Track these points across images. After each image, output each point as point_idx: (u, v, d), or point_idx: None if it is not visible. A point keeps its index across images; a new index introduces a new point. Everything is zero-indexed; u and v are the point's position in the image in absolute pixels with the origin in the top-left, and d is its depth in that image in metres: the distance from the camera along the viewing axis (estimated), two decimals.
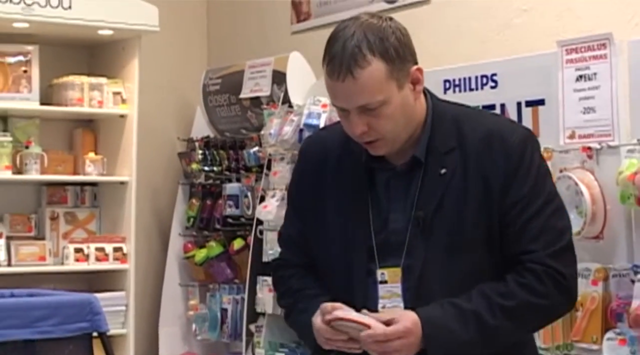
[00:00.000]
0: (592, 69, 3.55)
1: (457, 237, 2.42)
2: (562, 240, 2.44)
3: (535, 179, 2.44)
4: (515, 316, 2.40)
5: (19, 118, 5.27)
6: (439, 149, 2.46)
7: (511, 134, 2.48)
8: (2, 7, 4.85)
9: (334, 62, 2.39)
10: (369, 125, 2.39)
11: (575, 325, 3.50)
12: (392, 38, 2.40)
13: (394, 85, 2.39)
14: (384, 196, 2.50)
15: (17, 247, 5.18)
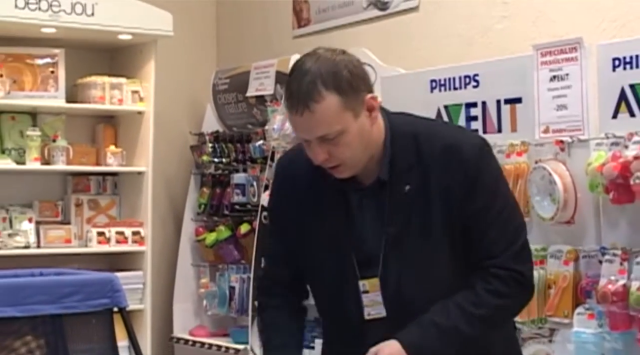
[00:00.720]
0: (564, 70, 3.55)
1: (427, 248, 2.43)
2: (520, 240, 2.47)
3: (491, 187, 2.45)
4: (488, 321, 2.43)
5: (47, 114, 5.28)
6: (401, 167, 2.43)
7: (466, 146, 2.45)
8: (32, 14, 4.86)
9: (292, 98, 2.35)
10: (329, 153, 2.36)
11: (548, 301, 3.50)
12: (345, 71, 2.35)
13: (350, 115, 2.34)
14: (358, 215, 2.48)
15: (45, 231, 5.19)
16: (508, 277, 2.42)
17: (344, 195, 2.49)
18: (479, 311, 2.40)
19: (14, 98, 5.06)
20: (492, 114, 3.84)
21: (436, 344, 2.38)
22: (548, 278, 3.52)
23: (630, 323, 3.20)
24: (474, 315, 2.40)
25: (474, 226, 2.42)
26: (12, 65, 5.11)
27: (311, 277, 2.58)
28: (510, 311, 2.52)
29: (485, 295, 2.41)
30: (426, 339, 2.38)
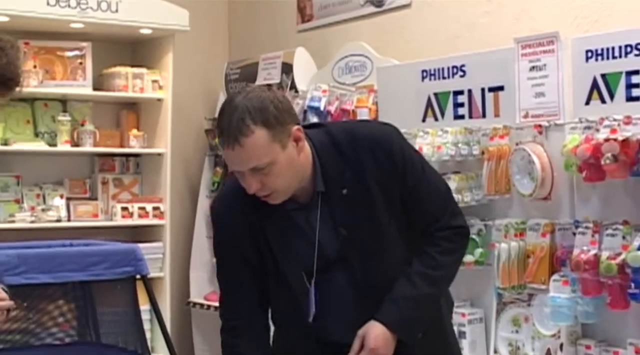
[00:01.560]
0: (542, 61, 3.54)
1: (378, 237, 2.43)
2: (451, 200, 2.54)
3: (416, 164, 2.47)
4: (448, 278, 2.51)
5: (76, 101, 5.28)
6: (332, 175, 2.41)
7: (384, 137, 2.45)
8: (62, 11, 4.85)
9: (223, 134, 2.29)
10: (261, 182, 2.31)
11: (527, 269, 3.51)
12: (271, 107, 2.28)
13: (278, 147, 2.29)
14: (308, 230, 2.44)
15: (75, 206, 5.20)
16: (452, 234, 2.49)
17: (289, 216, 2.44)
18: (439, 273, 2.46)
19: (47, 87, 5.06)
20: (477, 101, 3.84)
21: (413, 314, 2.41)
22: (527, 249, 3.53)
23: (601, 289, 3.20)
24: (436, 278, 2.45)
25: (413, 202, 2.45)
26: (45, 57, 5.11)
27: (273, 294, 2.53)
28: (459, 261, 2.56)
29: (440, 257, 2.45)
30: (403, 313, 2.40)
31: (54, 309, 3.80)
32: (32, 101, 5.19)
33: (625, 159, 3.12)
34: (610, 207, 3.30)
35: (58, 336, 3.82)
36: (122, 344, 3.81)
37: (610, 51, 3.29)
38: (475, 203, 3.77)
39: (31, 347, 3.73)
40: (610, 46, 3.29)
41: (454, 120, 3.91)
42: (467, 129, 3.80)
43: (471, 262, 3.76)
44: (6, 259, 3.42)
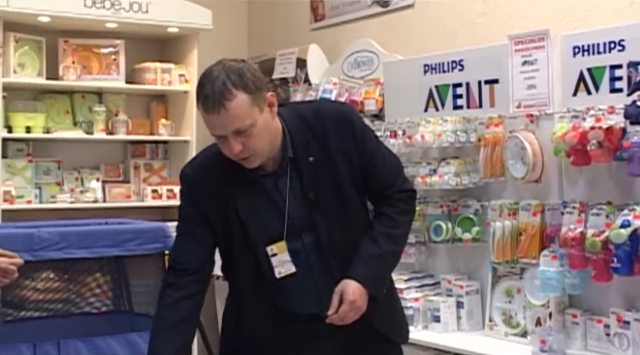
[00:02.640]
0: (534, 56, 3.53)
1: (342, 201, 2.46)
2: (401, 169, 2.61)
3: (367, 136, 2.52)
4: (405, 235, 2.58)
5: (110, 93, 5.29)
6: (299, 143, 2.44)
7: (345, 112, 2.51)
8: (97, 12, 4.86)
9: (207, 100, 2.30)
10: (243, 144, 2.33)
11: (519, 245, 3.50)
12: (249, 74, 2.32)
13: (257, 110, 2.32)
14: (277, 195, 2.45)
15: (109, 188, 5.22)
16: (407, 196, 2.56)
17: (258, 183, 2.45)
18: (399, 231, 2.52)
19: (84, 81, 5.07)
20: (474, 93, 3.83)
21: (380, 270, 2.47)
22: (519, 227, 3.53)
23: (586, 263, 3.20)
24: (396, 236, 2.51)
25: (371, 170, 2.50)
26: (82, 54, 5.12)
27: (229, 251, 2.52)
28: (411, 220, 2.61)
29: (397, 216, 2.52)
30: (372, 270, 2.44)
31: (91, 281, 3.82)
32: (71, 94, 5.20)
33: (609, 145, 3.12)
34: (595, 189, 3.29)
35: (95, 305, 3.84)
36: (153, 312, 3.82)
37: (595, 47, 3.28)
38: (472, 186, 3.77)
39: (71, 315, 3.75)
40: (596, 42, 3.28)
41: (453, 110, 3.90)
42: (465, 118, 3.80)
43: (469, 239, 3.76)
44: (49, 236, 3.43)
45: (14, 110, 4.90)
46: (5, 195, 4.73)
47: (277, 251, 2.46)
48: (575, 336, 3.31)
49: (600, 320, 3.25)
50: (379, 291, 2.47)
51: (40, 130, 4.93)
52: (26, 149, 4.99)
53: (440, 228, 3.80)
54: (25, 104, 4.99)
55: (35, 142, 5.03)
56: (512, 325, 3.62)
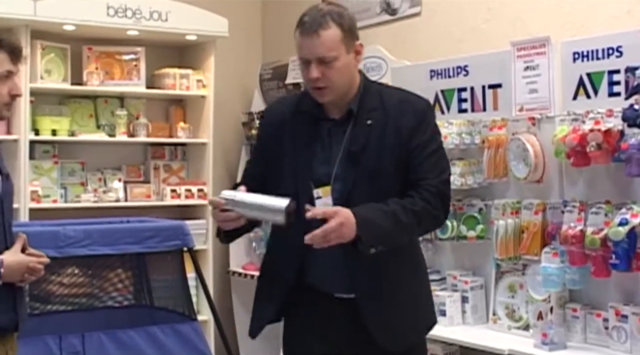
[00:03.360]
0: (535, 62, 3.53)
1: (377, 166, 2.45)
2: (445, 175, 2.53)
3: (431, 133, 2.51)
4: (418, 217, 2.43)
5: (132, 98, 5.29)
6: (366, 107, 2.49)
7: (418, 102, 2.56)
8: (120, 21, 4.87)
9: (306, 25, 2.44)
10: (322, 73, 2.42)
11: (522, 243, 3.50)
12: (347, 18, 2.47)
13: (344, 48, 2.43)
14: (326, 140, 2.51)
15: (131, 188, 5.22)
16: (435, 192, 2.46)
17: (316, 125, 2.52)
18: (413, 207, 2.42)
19: (107, 86, 5.08)
20: (478, 97, 3.83)
21: (380, 222, 2.37)
22: (522, 225, 3.52)
23: (586, 260, 3.20)
24: (408, 209, 2.41)
25: (414, 157, 2.47)
26: (105, 60, 5.13)
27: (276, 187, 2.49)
28: (433, 219, 2.50)
29: (417, 199, 2.44)
30: (373, 217, 2.36)
31: (113, 276, 3.84)
32: (94, 98, 5.21)
33: (608, 147, 3.11)
34: (595, 189, 3.29)
35: (117, 299, 3.86)
36: (172, 306, 3.84)
37: (594, 53, 3.27)
38: (476, 186, 3.76)
39: (95, 309, 3.78)
40: (595, 49, 3.27)
41: (458, 114, 3.90)
42: (469, 121, 3.79)
43: (473, 236, 3.76)
44: (74, 234, 3.45)
45: (40, 114, 4.91)
46: (32, 194, 4.75)
47: (322, 195, 2.46)
48: (575, 330, 3.31)
49: (599, 314, 3.24)
50: (368, 240, 2.33)
51: (65, 133, 4.95)
52: (52, 151, 5.01)
53: (446, 226, 3.80)
54: (51, 108, 5.00)
55: (61, 145, 5.04)
56: (515, 319, 3.62)
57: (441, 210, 2.49)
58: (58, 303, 3.68)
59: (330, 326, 2.49)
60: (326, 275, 2.48)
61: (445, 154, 2.59)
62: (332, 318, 2.49)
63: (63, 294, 3.68)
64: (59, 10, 4.70)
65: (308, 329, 2.52)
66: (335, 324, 2.49)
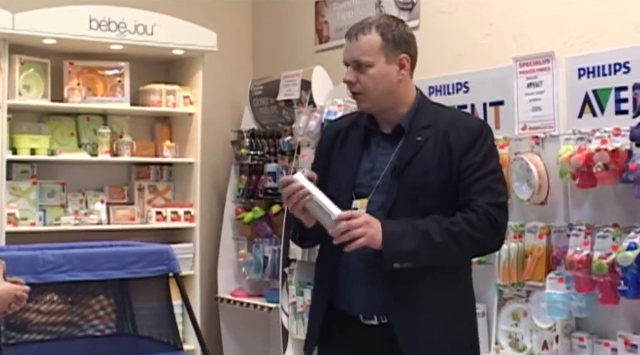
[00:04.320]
0: (539, 79, 3.54)
1: (422, 183, 2.45)
2: (499, 199, 2.47)
3: (485, 154, 2.49)
4: (456, 240, 2.39)
5: (115, 115, 5.30)
6: (419, 125, 2.52)
7: (473, 121, 2.61)
8: (103, 34, 4.88)
9: (351, 29, 2.54)
10: (357, 78, 2.49)
11: (526, 268, 3.50)
12: (396, 29, 2.52)
13: (383, 57, 2.49)
14: (374, 153, 2.55)
15: (114, 211, 5.21)
16: (483, 214, 2.41)
17: (367, 138, 2.58)
18: (452, 228, 2.39)
19: (89, 103, 5.09)
20: (479, 115, 3.83)
21: (408, 237, 2.36)
22: (526, 249, 3.52)
23: (593, 286, 3.19)
24: (444, 228, 2.38)
25: (464, 178, 2.45)
26: (87, 76, 5.14)
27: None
28: (478, 244, 2.45)
29: (461, 220, 2.41)
30: (401, 230, 2.36)
31: (95, 304, 3.81)
32: (76, 116, 5.22)
33: (615, 167, 3.12)
34: (602, 212, 3.29)
35: (99, 328, 3.83)
36: (157, 336, 3.82)
37: (600, 69, 3.29)
38: None
39: (75, 338, 3.75)
40: (601, 65, 3.28)
41: None
42: None
43: (475, 261, 3.74)
44: (53, 259, 3.43)
45: (19, 132, 4.91)
46: (9, 217, 4.73)
47: (360, 207, 2.48)
48: None
49: (607, 343, 3.23)
50: (391, 254, 2.33)
51: (45, 152, 4.94)
52: (31, 171, 5.00)
53: None
54: (30, 126, 5.01)
55: (40, 164, 5.04)
56: (518, 349, 3.61)
57: (489, 235, 2.43)
58: (36, 332, 3.65)
59: (361, 353, 2.50)
60: (354, 297, 2.49)
61: (503, 179, 2.56)
62: (363, 343, 2.49)
63: (41, 323, 3.65)
64: (39, 23, 4.71)
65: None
66: (367, 350, 2.49)
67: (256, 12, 6.09)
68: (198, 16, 5.36)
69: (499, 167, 2.55)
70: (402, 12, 4.80)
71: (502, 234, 2.50)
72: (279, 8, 5.90)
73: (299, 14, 5.70)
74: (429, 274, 2.43)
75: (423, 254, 2.38)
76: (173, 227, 5.26)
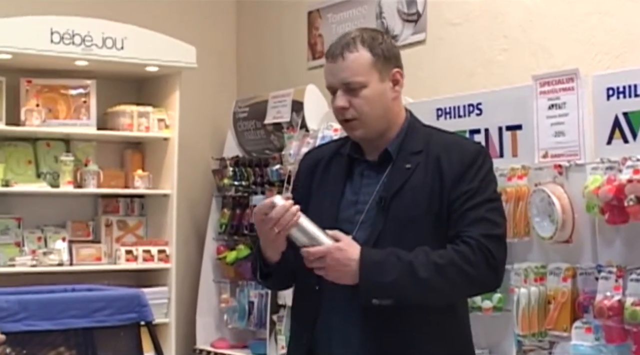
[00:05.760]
0: (561, 99, 3.54)
1: (411, 215, 2.45)
2: (496, 231, 2.47)
3: (481, 181, 2.49)
4: (444, 274, 2.39)
5: (80, 141, 5.31)
6: (408, 150, 2.53)
7: (469, 145, 2.60)
8: (66, 48, 4.90)
9: (331, 49, 2.52)
10: (350, 102, 2.47)
11: (548, 316, 3.48)
12: (382, 42, 2.52)
13: (376, 76, 2.48)
14: (358, 183, 2.55)
15: (77, 249, 5.21)
16: (477, 248, 2.41)
17: (350, 166, 2.58)
18: (439, 260, 2.39)
19: (49, 126, 5.09)
20: (494, 140, 3.84)
21: (389, 269, 2.36)
22: (548, 294, 3.51)
23: (625, 336, 3.18)
24: (432, 262, 2.38)
25: (456, 208, 2.46)
26: (48, 95, 5.15)
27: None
28: (470, 281, 2.44)
29: (451, 252, 2.41)
30: (383, 260, 2.37)
31: None
32: (34, 141, 5.22)
33: None
34: (635, 251, 3.28)
35: None
36: None
37: (633, 89, 3.29)
38: None
39: None
40: (633, 83, 3.29)
41: None
42: None
43: (489, 308, 3.74)
44: (6, 305, 3.42)
45: None
46: None
47: None
48: None
49: None
50: (368, 286, 2.36)
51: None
52: None
53: None
54: None
55: None
56: None
57: (484, 271, 2.43)
58: None
59: None
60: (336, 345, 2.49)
61: (501, 209, 2.56)
62: None
63: None
64: None
65: None
66: None
67: (241, 23, 6.12)
68: (174, 28, 5.38)
69: (496, 195, 2.56)
70: (406, 24, 4.83)
71: (499, 270, 2.49)
72: (266, 19, 5.93)
73: (290, 25, 5.72)
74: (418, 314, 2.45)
75: (406, 288, 2.38)
76: (145, 268, 5.25)
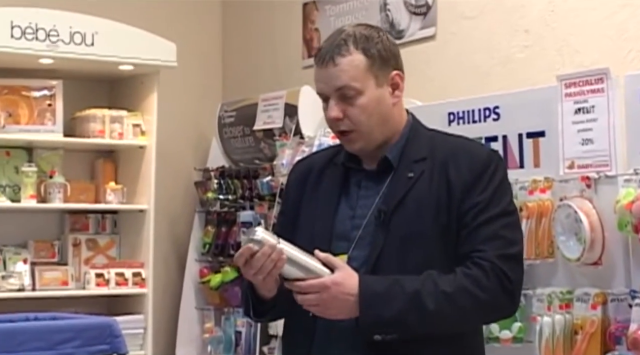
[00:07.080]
0: (590, 102, 3.55)
1: (414, 231, 2.45)
2: (511, 249, 2.47)
3: (494, 191, 2.49)
4: (454, 302, 2.39)
5: (44, 149, 5.30)
6: (411, 158, 2.53)
7: (479, 149, 2.59)
8: (29, 44, 4.89)
9: (321, 51, 2.51)
10: (344, 112, 2.47)
11: (575, 347, 3.48)
12: (378, 41, 2.51)
13: (372, 81, 2.48)
14: (355, 195, 2.55)
15: (40, 272, 5.19)
16: (491, 270, 2.41)
17: (346, 177, 2.59)
18: (448, 288, 2.38)
19: (9, 132, 5.09)
20: (513, 149, 3.84)
21: (393, 302, 2.36)
22: (575, 323, 3.50)
23: None
24: (441, 291, 2.37)
25: (467, 222, 2.45)
26: (7, 97, 5.14)
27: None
28: (483, 308, 2.44)
29: (461, 276, 2.40)
30: (385, 290, 2.37)
31: None
32: None
33: None
34: None
35: None
36: None
37: None
38: None
39: None
40: None
41: None
42: None
43: (508, 338, 3.73)
44: None
45: None
46: None
47: None
48: None
49: None
50: (369, 322, 2.36)
51: None
52: None
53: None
54: None
55: None
56: None
57: (499, 296, 2.43)
58: None
59: None
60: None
61: (518, 223, 2.57)
62: None
63: None
64: None
65: None
66: None
67: (227, 17, 6.12)
68: (151, 22, 5.39)
69: (511, 207, 2.54)
70: (413, 17, 4.83)
71: (515, 294, 2.49)
72: (256, 11, 5.93)
73: (282, 18, 5.73)
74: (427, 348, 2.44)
75: (411, 321, 2.38)
76: (118, 294, 5.24)
